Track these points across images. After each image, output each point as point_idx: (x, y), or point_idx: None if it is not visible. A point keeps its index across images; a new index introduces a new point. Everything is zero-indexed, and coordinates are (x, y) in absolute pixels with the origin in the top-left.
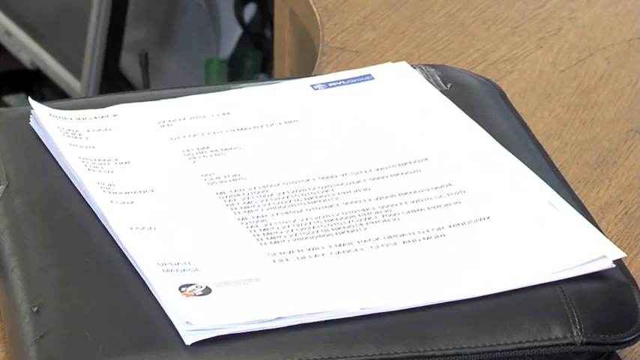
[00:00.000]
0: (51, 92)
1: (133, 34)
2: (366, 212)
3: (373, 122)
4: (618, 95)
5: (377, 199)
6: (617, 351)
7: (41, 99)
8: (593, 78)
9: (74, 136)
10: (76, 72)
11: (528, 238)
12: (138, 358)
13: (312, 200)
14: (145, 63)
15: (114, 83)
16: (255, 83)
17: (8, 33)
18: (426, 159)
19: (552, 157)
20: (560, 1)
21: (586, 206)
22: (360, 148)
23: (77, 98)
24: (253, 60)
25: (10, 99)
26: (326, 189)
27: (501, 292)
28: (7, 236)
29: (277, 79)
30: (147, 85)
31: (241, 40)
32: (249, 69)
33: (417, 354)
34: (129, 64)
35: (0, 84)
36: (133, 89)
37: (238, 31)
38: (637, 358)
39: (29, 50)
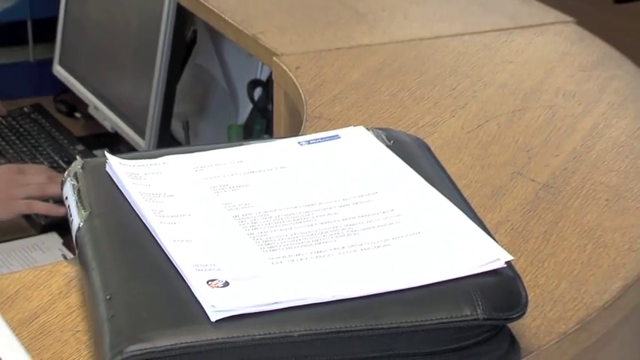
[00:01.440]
0: (124, 148)
1: (179, 108)
2: (335, 229)
3: (340, 167)
4: (506, 149)
5: (343, 220)
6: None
7: (118, 152)
8: (488, 137)
9: (136, 177)
10: (141, 134)
11: (447, 247)
12: (177, 330)
13: (298, 221)
14: (186, 128)
15: (166, 141)
16: (260, 141)
17: (96, 108)
18: (376, 192)
19: (462, 191)
20: (466, 85)
21: (485, 224)
22: (331, 185)
23: (140, 152)
24: (260, 125)
25: (98, 152)
26: (308, 213)
27: (428, 284)
28: (89, 247)
29: (275, 138)
30: (188, 143)
31: (252, 112)
32: (257, 131)
33: (370, 327)
34: (176, 128)
35: (91, 142)
36: (178, 145)
37: (250, 106)
38: (521, 328)
39: (110, 119)
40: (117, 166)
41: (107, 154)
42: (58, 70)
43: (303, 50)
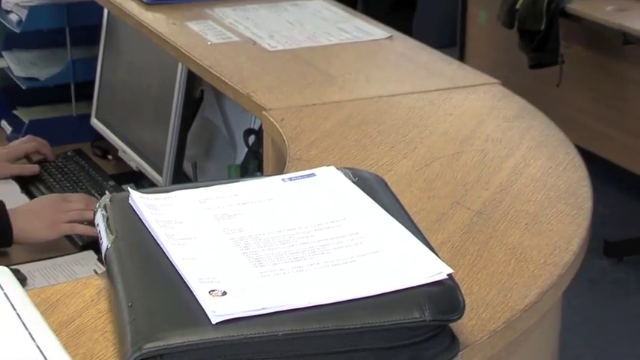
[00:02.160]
0: (147, 183)
1: (189, 151)
2: (311, 249)
3: (315, 199)
4: (447, 183)
5: (317, 241)
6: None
7: (141, 187)
8: (433, 174)
9: (152, 208)
10: (159, 172)
11: (400, 262)
12: (185, 331)
13: (282, 242)
14: (195, 167)
15: (179, 178)
16: (253, 178)
17: (124, 151)
18: (344, 219)
19: (412, 217)
20: (415, 133)
21: (431, 244)
22: (308, 213)
23: (156, 187)
24: (253, 165)
25: (125, 187)
26: (290, 236)
27: (386, 292)
28: (115, 264)
29: (264, 176)
30: (196, 179)
31: (247, 155)
32: (251, 170)
33: (339, 327)
34: (187, 167)
35: (120, 179)
36: (188, 181)
37: (245, 150)
38: (460, 327)
39: (135, 160)
40: (138, 199)
41: (130, 190)
42: (95, 122)
43: (287, 106)
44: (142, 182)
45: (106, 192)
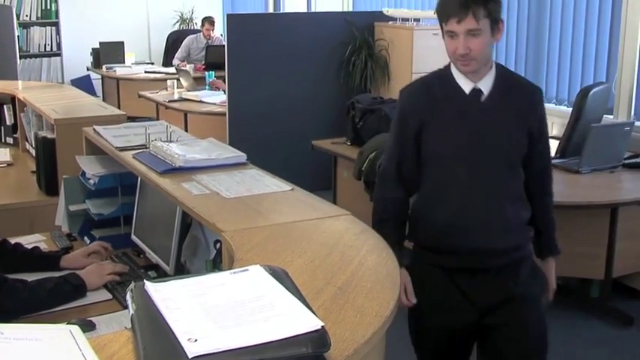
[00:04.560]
0: (162, 271)
1: (184, 253)
2: (246, 313)
3: (248, 284)
4: (322, 271)
5: (249, 309)
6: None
7: (159, 275)
8: (315, 266)
9: (157, 291)
10: (168, 264)
11: (295, 319)
12: None
13: (229, 309)
14: (185, 262)
15: (178, 269)
16: (215, 272)
17: (149, 253)
18: (263, 295)
19: (303, 293)
20: (305, 243)
21: (312, 308)
22: (243, 292)
23: (161, 278)
24: (219, 260)
25: (150, 272)
26: (233, 305)
27: (287, 337)
28: (136, 323)
29: (221, 270)
30: (188, 272)
31: (216, 254)
32: (218, 263)
33: (261, 358)
34: (183, 262)
35: (147, 268)
36: (184, 272)
37: (215, 251)
38: (328, 355)
39: (154, 258)
40: (149, 285)
41: (145, 281)
42: (133, 237)
43: (234, 229)
44: (159, 270)
45: (132, 282)
